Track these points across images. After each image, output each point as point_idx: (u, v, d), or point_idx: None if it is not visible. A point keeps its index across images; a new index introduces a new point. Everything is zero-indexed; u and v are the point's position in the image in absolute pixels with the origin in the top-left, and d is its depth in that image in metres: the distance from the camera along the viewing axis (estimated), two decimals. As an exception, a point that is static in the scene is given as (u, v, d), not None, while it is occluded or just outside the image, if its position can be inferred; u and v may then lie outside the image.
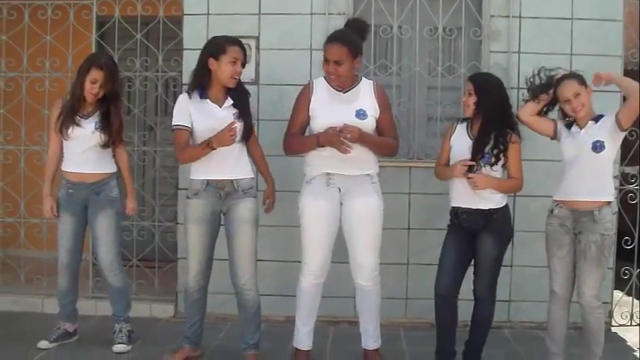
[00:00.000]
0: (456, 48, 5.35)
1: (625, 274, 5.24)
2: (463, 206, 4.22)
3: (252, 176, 4.30)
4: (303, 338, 4.34)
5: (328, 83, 4.23)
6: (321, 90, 4.23)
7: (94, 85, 4.44)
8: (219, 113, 4.17)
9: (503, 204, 4.26)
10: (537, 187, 4.93)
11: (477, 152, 4.15)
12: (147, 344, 4.71)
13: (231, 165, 4.20)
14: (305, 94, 4.26)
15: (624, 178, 5.19)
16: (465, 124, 4.32)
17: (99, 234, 4.54)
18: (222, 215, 4.30)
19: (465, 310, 4.32)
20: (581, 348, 4.29)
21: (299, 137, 4.27)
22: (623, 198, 5.17)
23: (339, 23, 5.02)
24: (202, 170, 4.20)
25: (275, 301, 5.02)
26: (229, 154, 4.15)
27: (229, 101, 4.20)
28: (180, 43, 5.32)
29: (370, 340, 4.36)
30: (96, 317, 5.22)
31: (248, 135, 4.23)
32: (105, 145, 4.49)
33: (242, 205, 4.21)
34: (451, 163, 4.29)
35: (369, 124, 4.18)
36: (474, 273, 4.26)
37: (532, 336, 5.01)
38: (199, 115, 4.17)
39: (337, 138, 4.02)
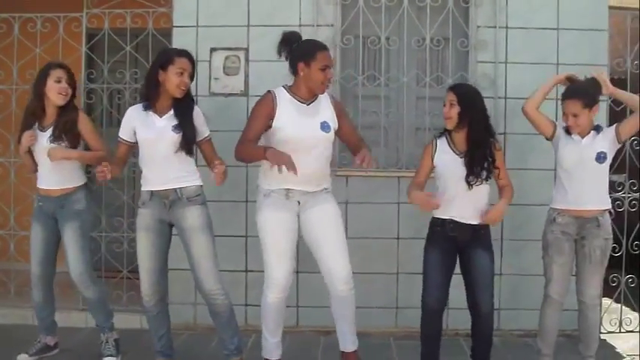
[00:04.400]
0: (444, 58, 5.39)
1: (613, 282, 5.28)
2: (456, 219, 4.18)
3: (199, 184, 4.29)
4: (273, 349, 4.31)
5: (292, 95, 4.19)
6: (286, 101, 4.17)
7: (59, 83, 4.44)
8: (159, 123, 4.21)
9: None
10: (524, 196, 4.96)
11: (473, 171, 4.11)
12: (137, 356, 4.70)
13: (173, 175, 4.21)
14: (268, 103, 4.16)
15: (611, 186, 5.22)
16: (444, 139, 4.27)
17: (66, 247, 4.50)
18: (171, 227, 4.31)
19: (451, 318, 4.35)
20: (570, 354, 4.54)
21: (251, 146, 4.11)
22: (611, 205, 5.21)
23: (327, 34, 5.07)
24: (147, 182, 4.26)
25: (265, 312, 5.02)
26: (170, 165, 4.19)
27: (171, 112, 4.23)
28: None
29: (349, 342, 4.32)
30: (86, 329, 5.22)
31: (189, 146, 4.22)
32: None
33: (189, 214, 4.22)
34: (439, 181, 4.25)
35: (331, 136, 4.18)
36: (473, 288, 4.19)
37: (521, 344, 5.03)
38: (141, 126, 4.23)
39: (289, 162, 3.87)
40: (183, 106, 4.24)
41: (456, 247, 4.23)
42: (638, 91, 5.24)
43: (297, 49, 4.18)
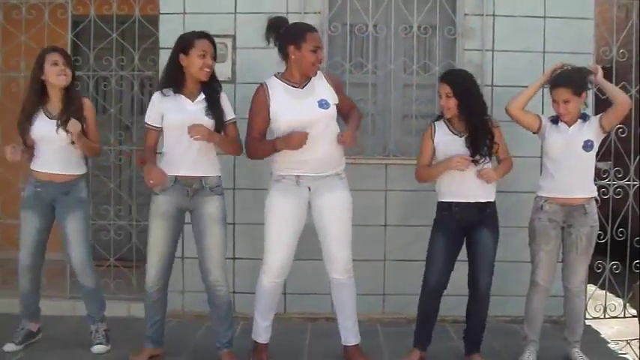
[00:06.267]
0: (431, 46, 5.40)
1: (598, 268, 5.33)
2: (458, 200, 4.25)
3: (219, 174, 4.30)
4: (262, 332, 4.36)
5: (284, 81, 4.22)
6: (278, 90, 4.20)
7: (56, 66, 4.38)
8: (190, 107, 4.18)
9: (493, 197, 4.33)
10: (511, 183, 4.98)
11: (477, 152, 4.19)
12: (124, 344, 4.67)
13: (200, 162, 4.19)
14: (261, 97, 4.21)
15: (597, 174, 5.26)
16: (442, 123, 4.34)
17: (69, 235, 4.48)
18: (187, 214, 4.30)
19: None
20: (555, 340, 4.62)
21: (259, 142, 4.22)
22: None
23: (315, 22, 5.05)
24: (170, 167, 4.20)
25: (252, 300, 5.00)
26: (198, 151, 4.16)
27: (202, 96, 4.21)
28: (157, 42, 5.32)
29: (351, 335, 4.37)
30: (74, 318, 5.18)
31: (219, 130, 4.20)
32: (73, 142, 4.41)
33: (210, 203, 4.22)
34: (440, 158, 4.31)
35: (332, 112, 4.20)
36: (474, 267, 4.29)
37: (508, 330, 5.06)
38: (171, 109, 4.18)
39: (299, 138, 4.03)
40: (212, 91, 4.23)
41: (463, 228, 4.28)
42: (623, 79, 5.33)
43: (286, 33, 4.20)
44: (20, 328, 4.64)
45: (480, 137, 4.22)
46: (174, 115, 4.17)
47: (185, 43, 4.19)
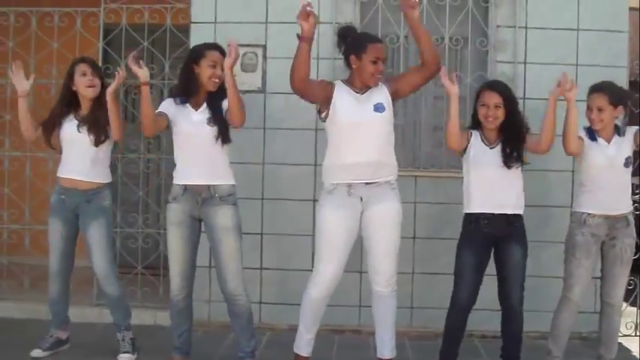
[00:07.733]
0: (463, 58, 5.36)
1: (630, 285, 5.23)
2: (484, 211, 4.19)
3: (233, 183, 4.28)
4: (305, 345, 4.31)
5: (349, 86, 4.21)
6: (342, 90, 4.20)
7: (84, 77, 4.47)
8: (195, 117, 4.23)
9: (522, 210, 4.26)
10: (540, 197, 4.94)
11: (509, 162, 4.17)
12: (151, 353, 4.68)
13: (208, 170, 4.21)
14: (328, 85, 4.21)
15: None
16: (476, 132, 4.30)
17: (91, 244, 4.49)
18: (201, 223, 4.30)
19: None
20: (583, 357, 4.63)
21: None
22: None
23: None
24: (180, 176, 4.25)
25: (278, 310, 5.02)
26: (205, 160, 4.17)
27: (204, 105, 4.25)
28: (187, 51, 5.32)
29: (386, 349, 4.31)
30: (100, 325, 5.20)
31: (223, 137, 4.22)
32: (96, 144, 4.46)
33: (220, 212, 4.21)
34: (470, 168, 4.25)
35: (387, 116, 4.17)
36: (505, 282, 4.22)
37: (534, 345, 4.95)
38: (178, 118, 4.24)
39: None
40: (216, 99, 4.25)
41: (491, 241, 4.22)
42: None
43: (350, 43, 4.23)
44: (50, 335, 4.67)
45: (515, 146, 4.19)
46: (181, 124, 4.24)
47: (196, 54, 4.28)
